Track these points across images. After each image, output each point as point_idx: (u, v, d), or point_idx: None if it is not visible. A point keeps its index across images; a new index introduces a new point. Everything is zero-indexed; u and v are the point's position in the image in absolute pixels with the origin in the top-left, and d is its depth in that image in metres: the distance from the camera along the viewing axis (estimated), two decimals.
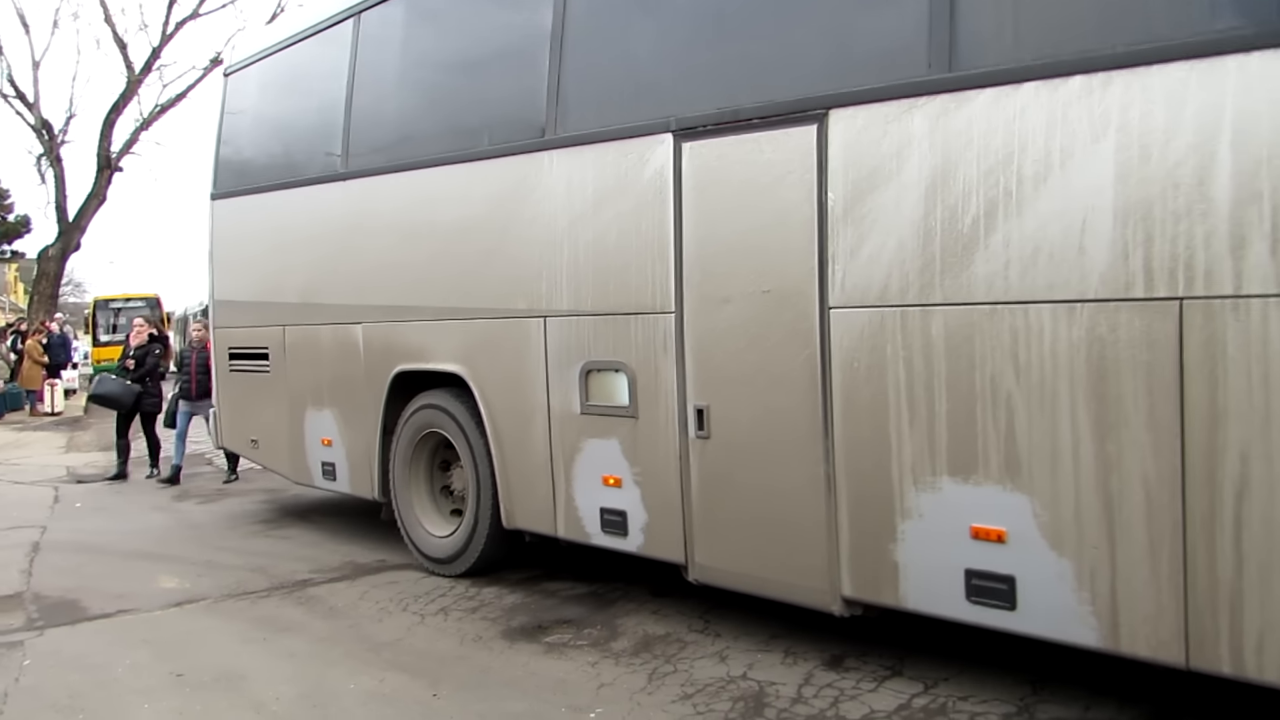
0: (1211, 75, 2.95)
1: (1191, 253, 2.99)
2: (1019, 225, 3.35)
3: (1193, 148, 2.98)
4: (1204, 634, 3.05)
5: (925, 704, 3.80)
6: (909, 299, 3.64)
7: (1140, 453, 3.13)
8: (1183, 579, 3.08)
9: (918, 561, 3.71)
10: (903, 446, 3.70)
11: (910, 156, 3.62)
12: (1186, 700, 3.63)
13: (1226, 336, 2.94)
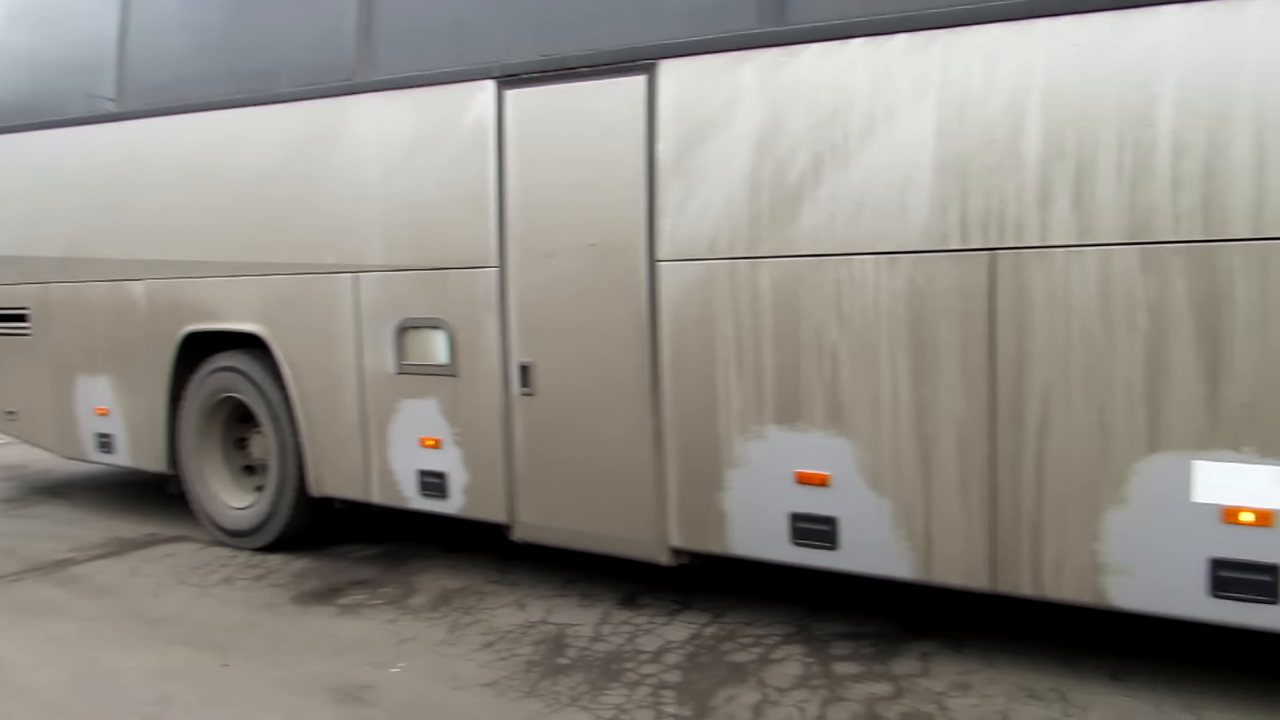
0: (1025, 38, 3.14)
1: (1003, 206, 3.19)
2: (845, 179, 3.46)
3: (1006, 107, 3.17)
4: (1009, 560, 3.29)
5: (715, 632, 4.00)
6: (737, 252, 3.69)
7: (954, 396, 3.32)
8: (990, 511, 3.30)
9: (745, 509, 3.80)
10: (731, 397, 3.76)
11: (740, 110, 3.65)
12: (927, 616, 3.99)
13: (1033, 285, 3.16)
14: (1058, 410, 3.16)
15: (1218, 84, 2.86)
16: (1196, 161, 2.89)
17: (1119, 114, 2.99)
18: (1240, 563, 2.95)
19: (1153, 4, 2.94)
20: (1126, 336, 3.03)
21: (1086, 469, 3.13)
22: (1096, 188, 3.03)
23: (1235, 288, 2.87)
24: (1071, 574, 3.21)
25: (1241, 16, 2.82)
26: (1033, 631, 3.78)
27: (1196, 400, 2.95)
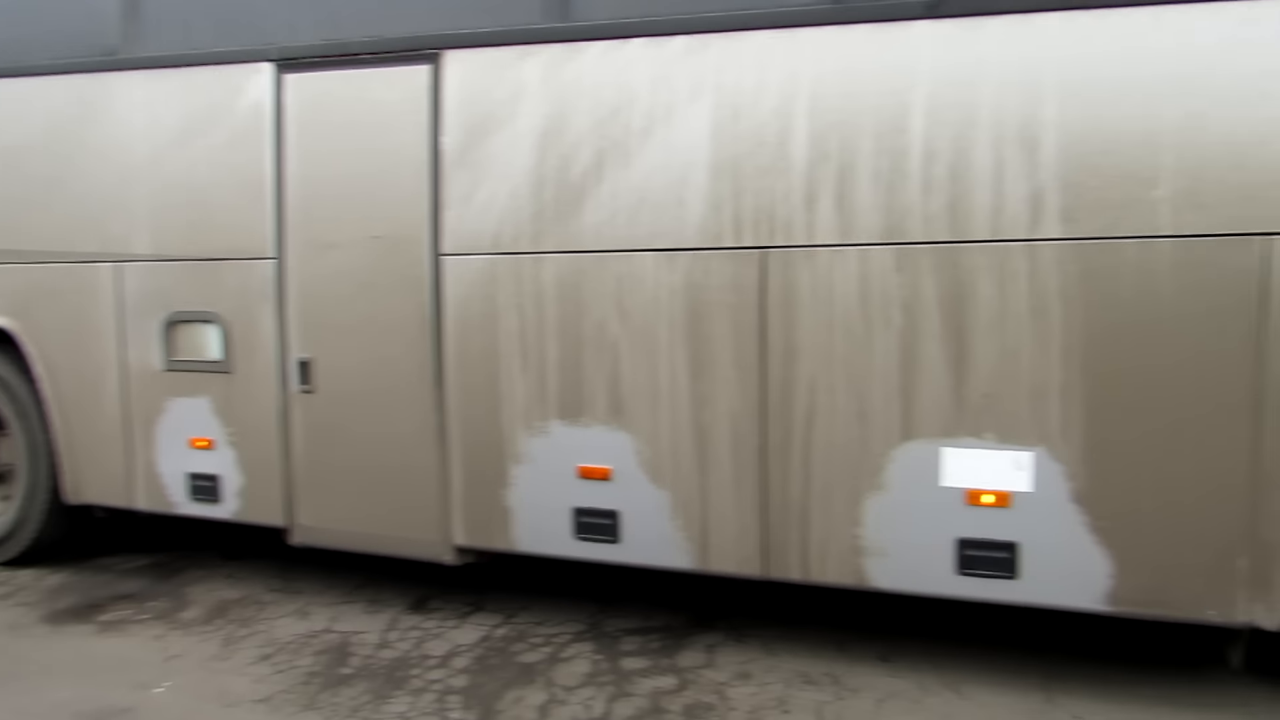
0: (792, 45, 3.27)
1: (773, 206, 3.31)
2: (626, 176, 3.50)
3: (776, 111, 3.30)
4: (780, 547, 3.42)
5: (506, 633, 3.96)
6: (522, 247, 3.67)
7: (728, 389, 3.42)
8: (762, 500, 3.42)
9: (529, 505, 3.78)
10: (515, 393, 3.73)
11: (524, 104, 3.64)
12: (715, 607, 4.10)
13: (800, 282, 3.29)
14: (822, 402, 3.30)
15: (962, 96, 3.08)
16: (944, 167, 3.10)
17: (876, 121, 3.17)
18: (983, 541, 3.17)
19: (904, 19, 3.13)
20: (883, 332, 3.21)
21: (848, 457, 3.29)
22: (856, 190, 3.20)
23: (977, 286, 3.09)
24: (836, 558, 3.36)
25: (981, 34, 3.05)
26: (812, 618, 3.93)
27: (944, 391, 3.16)
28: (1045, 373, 3.04)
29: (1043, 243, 3.00)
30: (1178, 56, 2.84)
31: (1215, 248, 2.84)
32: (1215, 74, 2.81)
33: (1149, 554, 3.01)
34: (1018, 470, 3.11)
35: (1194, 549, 2.96)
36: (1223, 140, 2.81)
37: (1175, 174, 2.86)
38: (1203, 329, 2.87)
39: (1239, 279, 2.82)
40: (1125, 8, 2.88)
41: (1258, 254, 2.80)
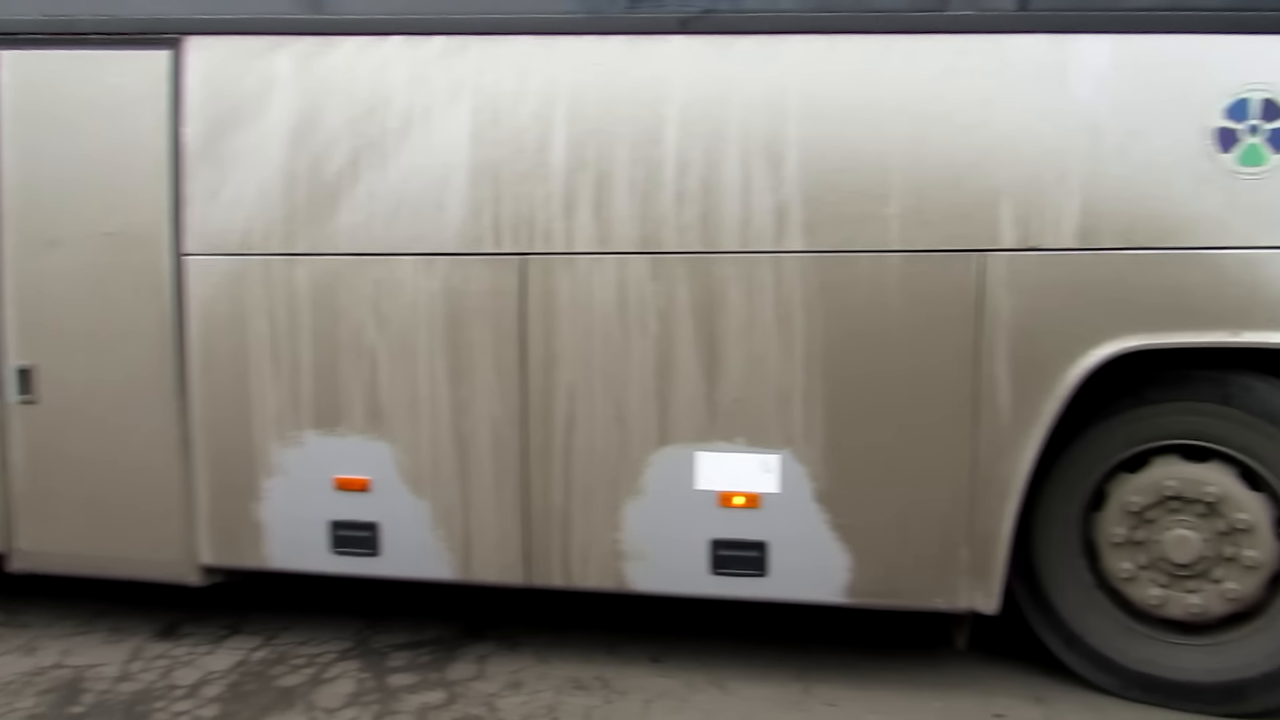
0: (552, 52, 3.27)
1: (533, 213, 3.30)
2: (383, 178, 3.39)
3: (535, 116, 3.28)
4: (542, 554, 3.41)
5: (264, 656, 3.76)
6: (272, 248, 3.49)
7: (488, 396, 3.38)
8: (524, 508, 3.40)
9: (283, 519, 3.59)
10: (266, 402, 3.54)
11: (275, 97, 3.46)
12: (491, 617, 4.05)
13: (559, 289, 3.30)
14: (582, 408, 3.32)
15: (713, 111, 3.17)
16: (696, 179, 3.18)
17: (633, 131, 3.22)
18: (735, 542, 3.28)
19: (660, 33, 3.20)
20: (640, 339, 3.26)
21: (608, 463, 3.33)
22: (614, 199, 3.24)
23: (728, 295, 3.20)
24: (597, 563, 3.39)
25: (731, 53, 3.16)
26: (588, 622, 3.94)
27: (698, 397, 3.25)
28: (789, 378, 3.18)
29: (787, 254, 3.14)
30: (904, 82, 3.05)
31: (937, 262, 3.06)
32: (936, 100, 3.03)
33: (884, 549, 3.21)
34: (766, 472, 3.24)
35: (923, 543, 3.18)
36: (943, 162, 3.03)
37: (903, 192, 3.06)
38: (928, 339, 3.09)
39: (958, 292, 3.05)
40: (858, 34, 3.06)
41: (974, 269, 3.04)
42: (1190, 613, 3.15)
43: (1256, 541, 3.06)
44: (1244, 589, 3.10)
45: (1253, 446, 3.05)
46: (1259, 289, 2.91)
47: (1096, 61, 2.94)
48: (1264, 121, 2.87)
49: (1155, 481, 3.14)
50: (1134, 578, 3.19)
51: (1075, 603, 3.26)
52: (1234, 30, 2.91)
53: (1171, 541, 3.13)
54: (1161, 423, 3.12)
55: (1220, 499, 3.08)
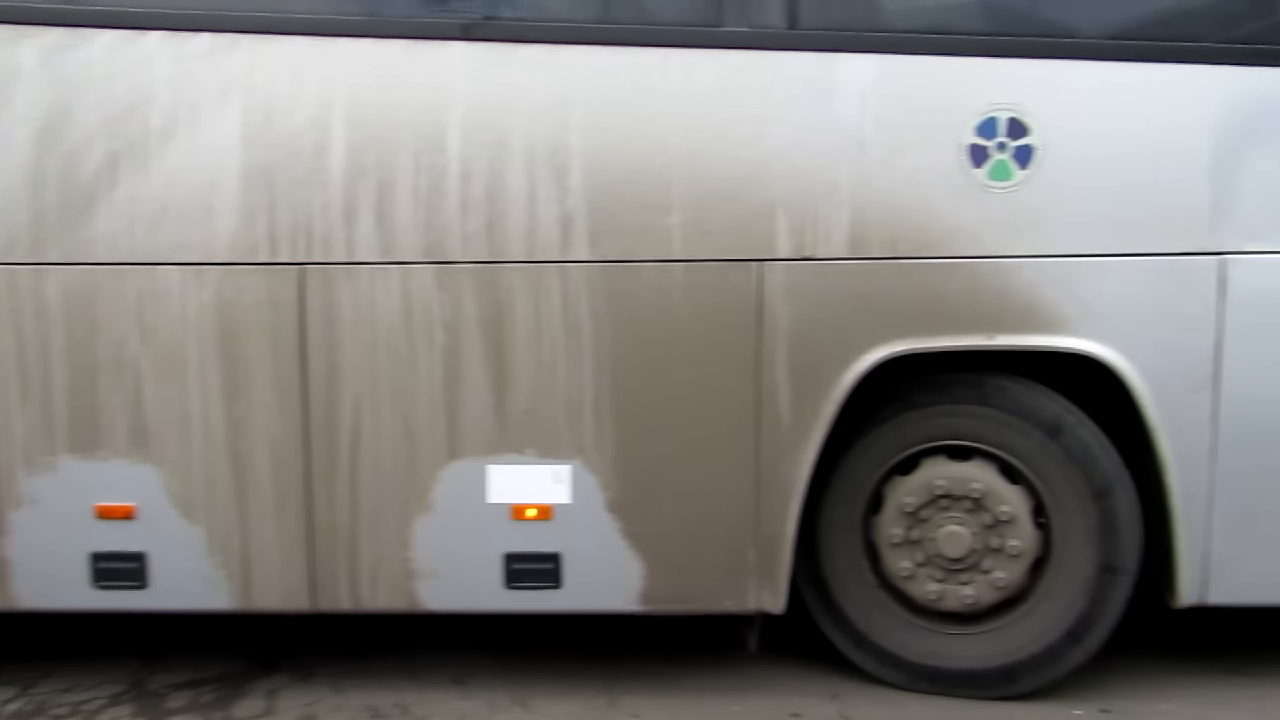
0: (328, 53, 3.14)
1: (311, 220, 3.16)
2: (145, 181, 3.17)
3: (312, 119, 3.14)
4: (328, 577, 3.27)
5: (19, 708, 3.43)
6: (18, 255, 3.19)
7: (267, 413, 3.21)
8: (308, 529, 3.24)
9: (34, 554, 3.29)
10: (13, 425, 3.24)
11: (20, 91, 3.17)
12: (281, 648, 3.85)
13: (341, 300, 3.17)
14: (368, 423, 3.21)
15: (497, 119, 3.13)
16: (481, 188, 3.13)
17: (415, 137, 3.13)
18: (528, 555, 3.24)
19: (441, 39, 3.13)
20: (427, 351, 3.18)
21: (396, 479, 3.22)
22: (396, 207, 3.14)
23: (515, 305, 3.16)
24: (386, 584, 3.27)
25: (514, 60, 3.13)
26: (388, 648, 3.80)
27: (487, 409, 3.19)
28: (579, 389, 3.17)
29: (573, 264, 3.14)
30: (684, 96, 3.10)
31: (719, 272, 3.13)
32: (714, 115, 3.10)
33: (676, 555, 3.25)
34: (557, 483, 3.22)
35: (713, 547, 3.24)
36: (722, 175, 3.10)
37: (684, 203, 3.11)
38: (712, 347, 3.15)
39: (739, 301, 3.13)
40: (639, 47, 3.09)
41: (754, 279, 3.13)
42: (965, 604, 3.34)
43: (1019, 531, 3.28)
44: (1010, 577, 3.31)
45: (1009, 443, 3.27)
46: (1009, 295, 3.12)
47: (861, 80, 3.08)
48: (1011, 139, 3.08)
49: (926, 481, 3.31)
50: (913, 575, 3.35)
51: (861, 603, 3.40)
52: (984, 53, 3.11)
53: (944, 538, 3.30)
54: (928, 425, 3.29)
55: (985, 494, 3.28)
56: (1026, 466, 3.27)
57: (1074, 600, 3.29)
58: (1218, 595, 3.23)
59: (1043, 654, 3.32)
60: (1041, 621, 3.32)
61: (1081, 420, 3.23)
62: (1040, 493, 3.28)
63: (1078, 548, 3.27)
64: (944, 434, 3.29)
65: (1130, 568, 3.28)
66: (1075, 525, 3.26)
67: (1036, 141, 3.08)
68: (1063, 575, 3.30)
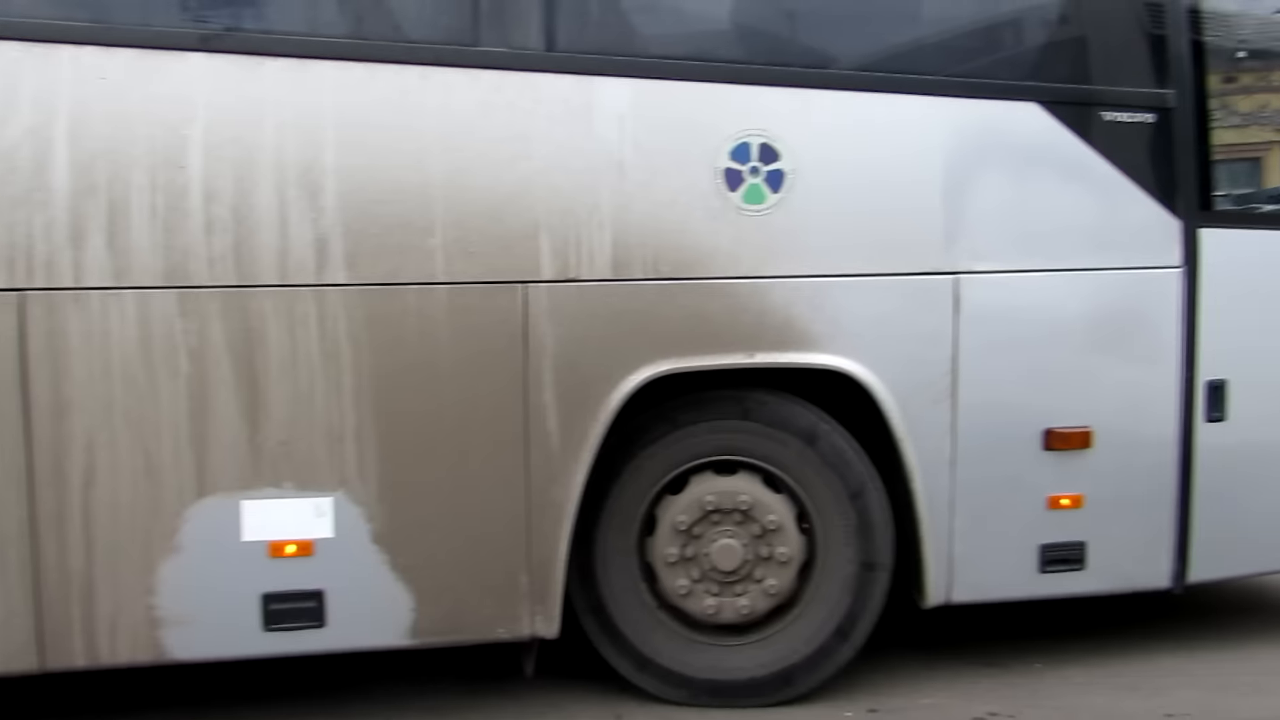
0: (46, 61, 2.89)
1: (32, 242, 2.89)
2: None
3: (30, 131, 2.87)
4: (59, 631, 2.98)
5: None
6: None
7: None
8: (34, 580, 2.95)
9: None
10: None
11: None
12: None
13: (69, 329, 2.91)
14: (103, 460, 2.95)
15: (244, 135, 2.97)
16: (227, 208, 2.96)
17: (151, 152, 2.92)
18: (289, 594, 3.07)
19: (179, 49, 2.94)
20: (170, 381, 2.96)
21: (137, 520, 2.98)
22: (131, 228, 2.92)
23: (268, 331, 3.00)
24: (128, 634, 3.01)
25: (261, 74, 2.98)
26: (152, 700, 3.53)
27: (240, 441, 3.01)
28: (340, 417, 3.04)
29: (330, 287, 3.01)
30: (443, 115, 3.04)
31: (483, 294, 3.09)
32: (474, 134, 3.06)
33: (447, 585, 3.16)
34: (319, 517, 3.07)
35: (485, 574, 3.18)
36: (484, 196, 3.07)
37: (446, 224, 3.05)
38: (478, 370, 3.10)
39: (505, 324, 3.10)
40: (394, 64, 3.01)
41: (519, 300, 3.10)
42: (741, 614, 3.41)
43: (786, 538, 3.39)
44: (782, 583, 3.41)
45: (771, 454, 3.38)
46: (767, 314, 3.23)
47: (619, 103, 3.13)
48: (763, 164, 3.20)
49: (697, 498, 3.37)
50: (691, 592, 3.39)
51: (641, 626, 3.41)
52: (736, 80, 3.22)
53: (718, 551, 3.37)
54: (694, 443, 3.35)
55: (752, 505, 3.37)
56: (788, 475, 3.39)
57: (840, 599, 3.44)
58: (961, 594, 3.45)
59: (816, 654, 3.44)
60: (813, 623, 3.45)
61: (835, 427, 3.38)
62: (802, 499, 3.41)
63: (839, 548, 3.41)
64: (710, 450, 3.37)
65: (886, 563, 3.46)
66: (836, 527, 3.40)
67: (787, 166, 3.21)
68: (828, 576, 3.44)
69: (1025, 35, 3.52)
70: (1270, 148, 17.87)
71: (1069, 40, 3.47)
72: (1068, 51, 3.47)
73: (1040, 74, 3.43)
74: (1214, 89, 3.63)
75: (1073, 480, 3.46)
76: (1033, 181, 3.38)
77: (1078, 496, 3.47)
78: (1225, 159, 3.90)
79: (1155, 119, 3.43)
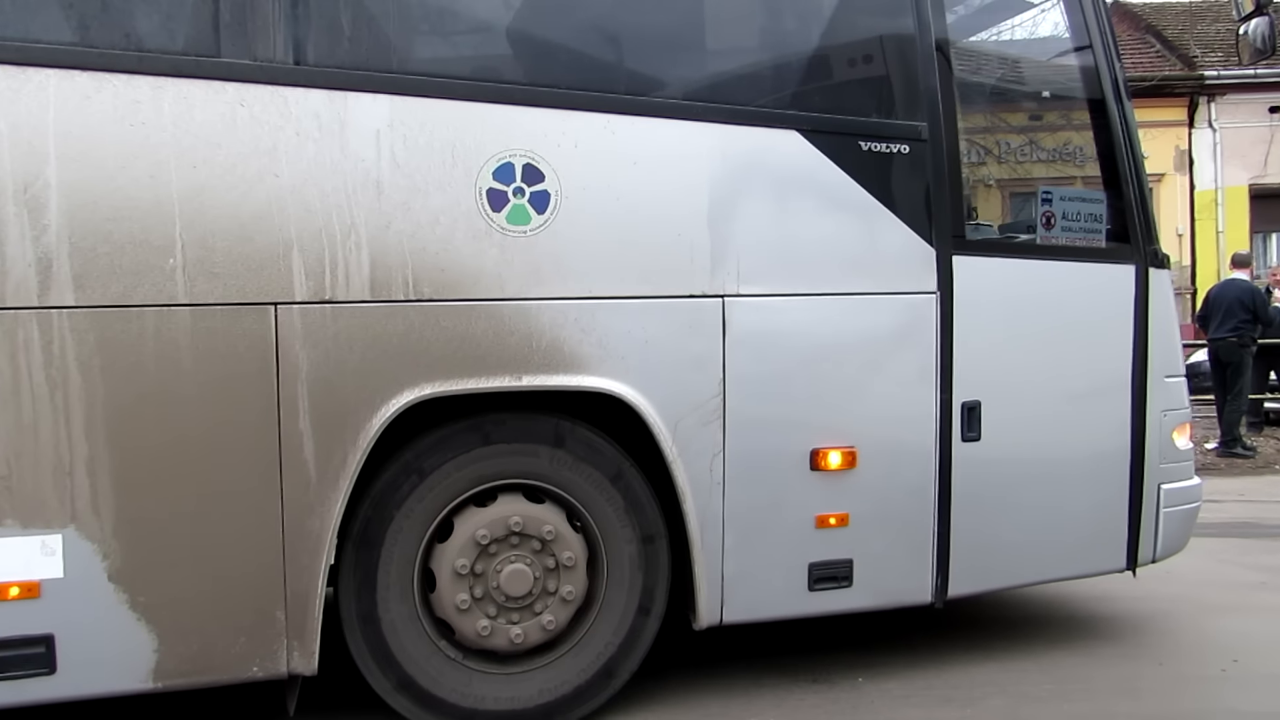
0: None
1: None
2: None
3: None
4: None
5: None
6: None
7: None
8: None
9: None
10: None
11: None
12: None
13: None
14: None
15: None
16: None
17: None
18: (11, 640, 2.83)
19: None
20: None
21: None
22: None
23: None
24: None
25: None
26: None
27: None
28: (68, 449, 2.83)
29: (56, 310, 2.80)
30: (182, 129, 2.88)
31: (230, 317, 2.94)
32: (218, 149, 2.91)
33: (195, 623, 2.98)
34: (47, 556, 2.85)
35: (238, 611, 3.02)
36: (230, 214, 2.92)
37: (188, 243, 2.89)
38: (227, 396, 2.95)
39: (255, 347, 2.96)
40: (125, 74, 2.84)
41: (270, 323, 2.97)
42: (513, 643, 3.32)
43: (566, 544, 3.34)
44: (559, 619, 3.36)
45: (525, 469, 3.31)
46: (534, 337, 3.20)
47: (375, 120, 3.04)
48: (527, 184, 3.17)
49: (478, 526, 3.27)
50: (471, 612, 3.28)
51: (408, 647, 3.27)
52: (500, 100, 3.19)
53: (508, 575, 3.28)
54: (449, 485, 3.25)
55: (525, 523, 3.29)
56: (548, 483, 3.33)
57: (611, 640, 3.42)
58: (733, 614, 3.49)
59: (577, 692, 3.39)
60: (580, 661, 3.40)
61: (578, 424, 3.33)
62: (567, 499, 3.36)
63: (616, 530, 3.38)
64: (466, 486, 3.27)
65: (660, 610, 3.46)
66: (607, 515, 3.36)
67: (553, 188, 3.19)
68: (606, 617, 3.42)
69: (787, 65, 3.62)
70: None
71: (827, 71, 3.59)
72: (826, 82, 3.59)
73: (801, 103, 3.53)
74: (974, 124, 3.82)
75: (839, 499, 3.56)
76: (796, 208, 3.47)
77: (844, 515, 3.56)
78: None
79: (910, 150, 3.58)
